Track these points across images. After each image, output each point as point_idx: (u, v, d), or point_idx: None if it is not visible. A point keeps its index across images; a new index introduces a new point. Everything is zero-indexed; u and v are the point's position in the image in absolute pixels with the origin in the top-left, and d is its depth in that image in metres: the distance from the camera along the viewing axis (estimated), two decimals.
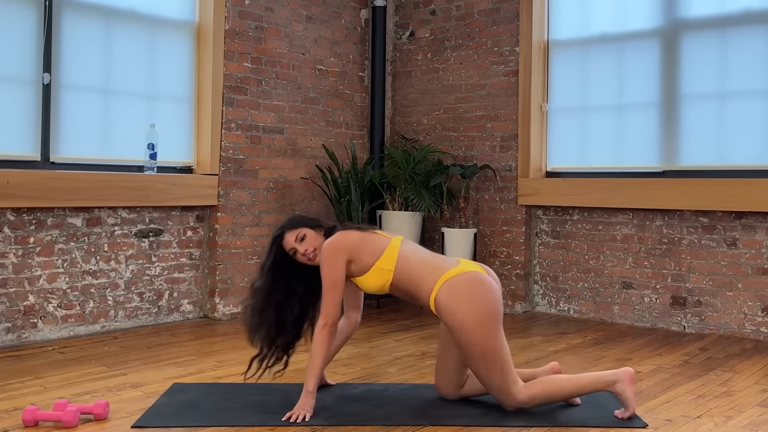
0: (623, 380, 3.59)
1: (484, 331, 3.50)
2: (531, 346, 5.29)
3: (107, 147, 5.74)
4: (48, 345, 5.11)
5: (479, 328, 3.49)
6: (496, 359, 3.54)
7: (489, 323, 3.51)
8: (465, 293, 3.54)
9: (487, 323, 3.51)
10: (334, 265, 3.58)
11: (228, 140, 6.27)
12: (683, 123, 6.06)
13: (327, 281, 3.57)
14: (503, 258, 6.82)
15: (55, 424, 3.39)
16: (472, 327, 3.49)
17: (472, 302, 3.52)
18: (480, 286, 3.57)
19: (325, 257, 3.60)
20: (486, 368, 3.55)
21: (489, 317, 3.52)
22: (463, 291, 3.54)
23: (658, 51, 6.19)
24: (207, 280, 6.21)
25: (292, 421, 3.46)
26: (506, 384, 3.58)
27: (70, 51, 5.53)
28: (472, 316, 3.50)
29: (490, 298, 3.56)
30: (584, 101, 6.62)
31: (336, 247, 3.61)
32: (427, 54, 7.41)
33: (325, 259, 3.59)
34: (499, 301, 3.60)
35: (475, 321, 3.50)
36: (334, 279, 3.57)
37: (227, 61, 6.27)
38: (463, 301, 3.52)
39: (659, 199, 5.97)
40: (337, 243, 3.62)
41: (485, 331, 3.50)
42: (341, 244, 3.62)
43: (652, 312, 6.12)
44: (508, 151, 6.82)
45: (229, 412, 3.61)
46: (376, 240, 3.69)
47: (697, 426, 3.54)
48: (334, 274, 3.57)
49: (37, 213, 5.23)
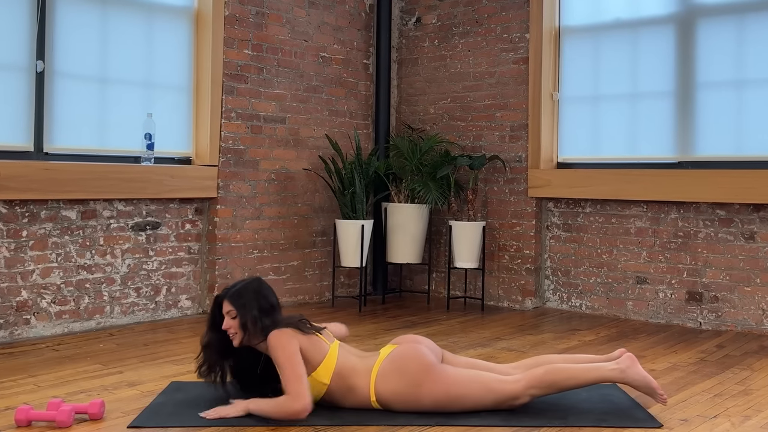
0: (630, 365, 3.65)
1: (426, 385, 3.57)
2: (541, 343, 5.28)
3: (103, 137, 5.73)
4: (41, 342, 5.11)
5: (422, 387, 3.57)
6: (457, 392, 3.59)
7: (424, 383, 3.58)
8: (393, 381, 3.59)
9: (423, 383, 3.57)
10: (290, 353, 3.51)
11: (228, 130, 6.26)
12: (699, 112, 6.03)
13: (292, 369, 3.49)
14: (513, 252, 6.81)
15: (48, 424, 3.38)
16: (417, 391, 3.57)
17: (401, 384, 3.58)
18: (399, 359, 3.63)
19: (282, 348, 3.53)
20: (463, 400, 3.60)
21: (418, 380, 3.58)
22: (391, 379, 3.60)
23: (674, 37, 6.16)
24: (206, 275, 6.21)
25: (208, 417, 3.48)
26: (487, 391, 3.61)
27: (65, 37, 5.51)
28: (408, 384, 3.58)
29: (409, 363, 3.61)
30: (597, 90, 6.59)
31: (287, 340, 3.55)
32: (434, 41, 7.38)
33: (281, 349, 3.53)
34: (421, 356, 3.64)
35: (413, 385, 3.57)
36: (298, 367, 3.50)
37: (227, 48, 6.26)
38: (395, 387, 3.59)
39: (674, 191, 5.95)
40: (284, 338, 3.56)
41: (426, 384, 3.57)
42: (289, 339, 3.56)
43: (667, 308, 6.10)
44: (518, 141, 6.80)
45: None
46: (315, 344, 3.64)
47: (714, 426, 3.53)
48: (296, 363, 3.50)
49: (30, 205, 5.22)
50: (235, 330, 3.65)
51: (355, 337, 5.38)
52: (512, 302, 6.80)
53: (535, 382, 3.63)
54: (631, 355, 3.70)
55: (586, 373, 3.66)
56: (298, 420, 3.44)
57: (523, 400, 3.63)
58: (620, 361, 3.68)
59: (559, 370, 3.68)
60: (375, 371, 3.63)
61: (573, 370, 3.68)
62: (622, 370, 3.64)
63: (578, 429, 3.46)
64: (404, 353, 3.66)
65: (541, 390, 3.65)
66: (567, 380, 3.65)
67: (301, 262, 6.83)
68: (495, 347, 5.15)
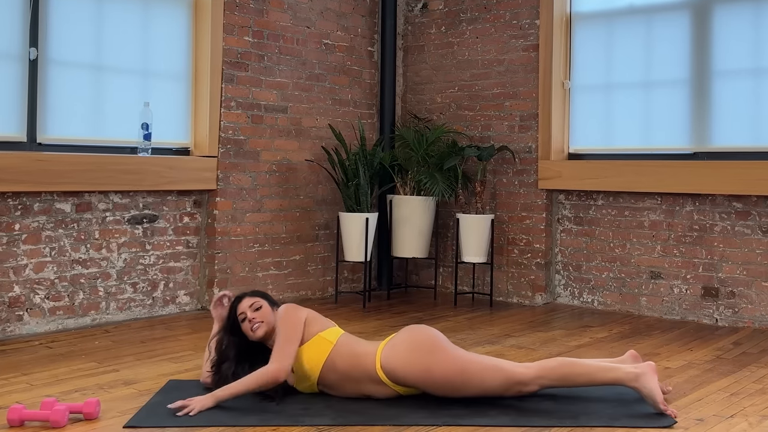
0: (647, 373, 3.68)
1: (437, 354, 3.68)
2: (552, 341, 5.27)
3: (98, 127, 5.72)
4: (35, 339, 5.10)
5: (433, 355, 3.68)
6: (468, 367, 3.67)
7: (435, 351, 3.69)
8: (402, 347, 3.73)
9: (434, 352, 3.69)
10: (294, 318, 3.83)
11: (227, 120, 6.25)
12: (715, 101, 6.01)
13: (286, 332, 3.77)
14: (522, 246, 6.80)
15: (42, 424, 3.38)
16: (428, 360, 3.67)
17: (411, 349, 3.71)
18: (409, 332, 3.83)
19: (287, 312, 3.85)
20: (473, 376, 3.66)
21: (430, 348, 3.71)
22: (400, 347, 3.73)
23: (689, 24, 6.14)
24: (205, 269, 6.21)
25: (176, 411, 3.52)
26: (497, 370, 3.68)
27: (59, 23, 5.50)
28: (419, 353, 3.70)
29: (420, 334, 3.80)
30: (609, 78, 6.57)
31: (296, 306, 3.91)
32: (441, 27, 7.36)
33: (285, 314, 3.84)
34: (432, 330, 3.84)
35: (424, 353, 3.69)
36: (293, 331, 3.78)
37: (227, 34, 6.24)
38: (403, 353, 3.71)
39: (690, 183, 5.93)
40: (296, 305, 3.93)
41: (438, 354, 3.68)
42: (300, 307, 3.91)
43: (682, 304, 6.09)
44: (528, 131, 6.78)
45: (229, 412, 3.58)
46: (324, 319, 3.96)
47: (731, 426, 3.52)
48: (294, 326, 3.80)
49: (22, 198, 5.22)
50: (261, 318, 3.86)
51: (359, 333, 5.33)
52: (522, 298, 6.79)
53: (547, 371, 3.70)
54: (651, 364, 3.75)
55: (601, 372, 3.71)
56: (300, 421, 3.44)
57: (531, 387, 3.69)
58: (640, 366, 3.73)
59: (573, 364, 3.75)
60: (382, 344, 3.80)
61: (588, 366, 3.74)
62: (636, 375, 3.67)
63: (590, 429, 3.45)
64: (413, 328, 3.87)
65: (551, 381, 3.70)
66: (580, 375, 3.70)
67: (304, 257, 6.83)
68: (504, 344, 5.14)
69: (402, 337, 3.78)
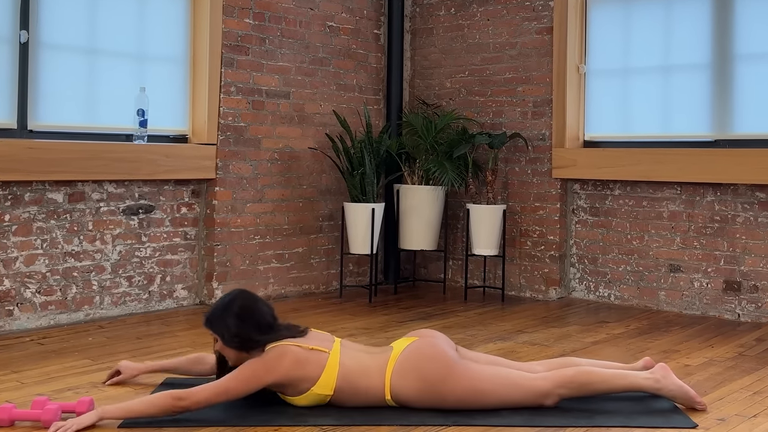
0: (665, 375, 3.72)
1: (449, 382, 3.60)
2: (567, 337, 5.26)
3: (92, 113, 5.72)
4: (25, 335, 5.11)
5: (445, 384, 3.60)
6: (482, 387, 3.62)
7: (448, 379, 3.60)
8: (413, 376, 3.61)
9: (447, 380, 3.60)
10: (254, 377, 3.51)
11: (227, 106, 6.24)
12: (737, 86, 6.00)
13: (231, 382, 3.48)
14: (536, 238, 6.79)
15: (33, 423, 3.38)
16: (439, 389, 3.60)
17: (421, 378, 3.60)
18: (418, 355, 3.65)
19: (256, 366, 3.53)
20: (489, 396, 3.63)
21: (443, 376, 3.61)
22: (410, 375, 3.61)
23: (710, 5, 6.11)
24: (203, 262, 6.20)
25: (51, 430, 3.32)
26: (514, 387, 3.65)
27: (51, 5, 5.49)
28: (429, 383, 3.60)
29: (430, 359, 3.64)
30: (627, 62, 6.56)
31: (268, 368, 3.53)
32: (451, 9, 7.34)
33: (254, 366, 3.53)
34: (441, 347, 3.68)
35: (435, 383, 3.60)
36: (237, 390, 3.48)
37: (226, 17, 6.23)
38: (414, 383, 3.61)
39: (711, 172, 5.92)
40: (270, 365, 3.53)
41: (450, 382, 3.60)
42: (276, 369, 3.53)
43: (703, 298, 6.07)
44: (541, 117, 6.77)
45: (228, 411, 3.59)
46: (313, 359, 3.59)
47: (753, 426, 3.51)
48: (245, 382, 3.49)
49: (13, 187, 5.22)
50: (219, 348, 3.68)
51: (365, 330, 5.38)
52: (535, 292, 6.78)
53: (565, 381, 3.68)
54: (664, 365, 3.80)
55: (619, 379, 3.74)
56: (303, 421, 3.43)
57: (552, 399, 3.66)
58: (654, 371, 3.77)
59: (591, 372, 3.74)
60: (390, 368, 3.64)
61: (606, 374, 3.75)
62: (656, 380, 3.72)
63: (606, 430, 3.45)
64: (422, 349, 3.67)
65: (570, 390, 3.68)
66: (599, 383, 3.71)
67: (307, 249, 6.82)
68: (516, 341, 5.13)
69: (411, 361, 3.62)
